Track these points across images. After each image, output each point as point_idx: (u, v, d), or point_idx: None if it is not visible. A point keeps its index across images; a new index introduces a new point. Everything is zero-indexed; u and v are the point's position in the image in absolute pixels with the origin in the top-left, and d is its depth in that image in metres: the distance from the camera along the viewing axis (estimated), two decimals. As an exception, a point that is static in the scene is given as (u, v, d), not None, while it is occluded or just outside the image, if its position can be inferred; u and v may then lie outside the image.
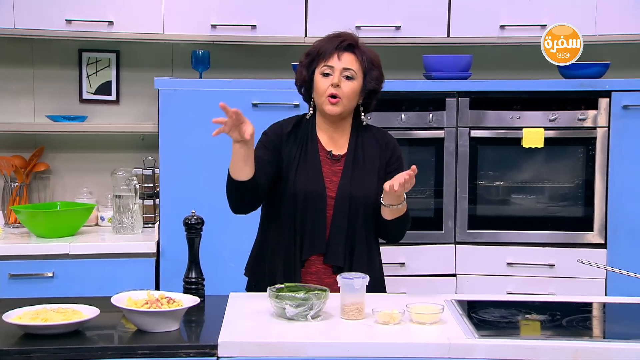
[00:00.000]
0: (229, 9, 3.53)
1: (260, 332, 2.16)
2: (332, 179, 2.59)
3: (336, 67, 2.56)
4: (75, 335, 2.11)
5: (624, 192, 3.39)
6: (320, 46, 2.60)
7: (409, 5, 3.54)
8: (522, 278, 3.45)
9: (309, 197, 2.56)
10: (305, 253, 2.56)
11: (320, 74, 2.58)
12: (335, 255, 2.55)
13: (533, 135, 3.40)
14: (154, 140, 3.49)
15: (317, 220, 2.55)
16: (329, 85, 2.55)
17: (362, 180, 2.58)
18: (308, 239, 2.56)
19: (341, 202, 2.56)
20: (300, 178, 2.57)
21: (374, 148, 2.63)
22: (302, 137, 2.62)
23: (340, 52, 2.57)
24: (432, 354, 2.06)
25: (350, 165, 2.59)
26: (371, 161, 2.62)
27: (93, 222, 3.72)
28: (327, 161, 2.61)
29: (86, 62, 3.83)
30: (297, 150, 2.60)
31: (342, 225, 2.55)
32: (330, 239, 2.56)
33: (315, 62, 2.60)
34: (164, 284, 3.34)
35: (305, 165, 2.58)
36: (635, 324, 2.33)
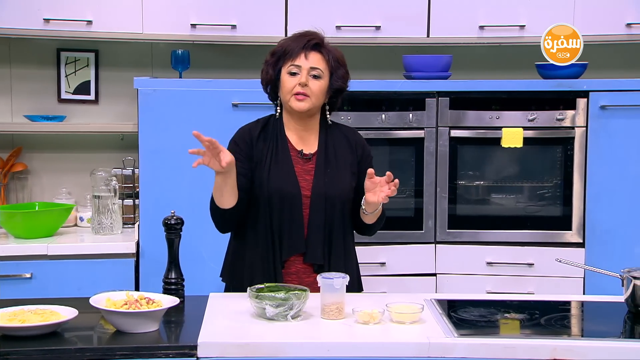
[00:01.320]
0: (208, 9, 3.52)
1: (240, 332, 2.16)
2: (305, 177, 2.59)
3: (303, 66, 2.56)
4: (53, 337, 2.09)
5: (601, 192, 3.42)
6: (286, 45, 2.60)
7: (388, 6, 3.55)
8: (501, 277, 3.47)
9: (285, 197, 2.55)
10: (285, 253, 2.56)
11: (287, 73, 2.58)
12: (314, 254, 2.56)
13: (512, 135, 3.42)
14: (133, 140, 3.48)
15: (294, 220, 2.55)
16: (296, 85, 2.55)
17: (335, 177, 2.59)
18: (287, 240, 2.56)
19: (317, 200, 2.56)
20: (273, 179, 2.57)
21: (343, 145, 2.65)
22: (271, 138, 2.62)
23: (307, 52, 2.56)
24: (412, 354, 2.07)
25: (322, 163, 2.60)
26: (343, 158, 2.63)
27: (72, 223, 3.70)
28: (298, 161, 2.61)
29: (64, 62, 3.80)
30: (267, 152, 2.59)
31: (319, 224, 2.56)
32: (309, 238, 2.56)
33: (281, 60, 2.60)
34: (144, 285, 3.33)
35: (277, 166, 2.58)
36: (612, 322, 2.35)
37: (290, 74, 2.57)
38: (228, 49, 3.75)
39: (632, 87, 3.41)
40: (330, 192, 2.57)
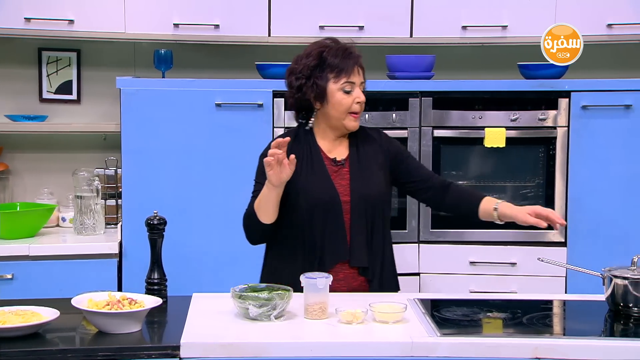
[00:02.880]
0: (191, 8, 3.51)
1: (223, 332, 2.16)
2: (341, 183, 2.60)
3: (356, 82, 2.58)
4: (35, 338, 2.08)
5: (583, 191, 3.44)
6: (335, 61, 2.55)
7: (372, 6, 3.55)
8: (484, 276, 3.48)
9: (325, 206, 2.55)
10: (329, 264, 2.54)
11: (341, 90, 2.56)
12: (359, 257, 2.56)
13: (495, 135, 3.44)
14: (116, 140, 3.46)
15: (337, 227, 2.55)
16: (353, 103, 2.56)
17: (371, 179, 2.61)
18: (329, 249, 2.55)
19: (357, 203, 2.57)
20: (312, 190, 2.56)
21: (372, 147, 2.66)
22: (303, 149, 2.61)
23: (358, 67, 2.59)
24: (395, 353, 2.07)
25: (355, 167, 2.61)
26: (374, 159, 2.64)
27: (54, 223, 3.67)
28: (332, 168, 2.61)
29: (46, 61, 3.78)
30: (300, 164, 2.56)
31: (361, 227, 2.57)
32: (352, 242, 2.56)
33: (329, 74, 2.55)
34: (127, 285, 3.31)
35: (313, 176, 2.58)
36: (594, 320, 2.37)
37: (345, 92, 2.56)
38: (211, 49, 3.75)
39: (613, 87, 3.43)
40: (367, 193, 2.58)
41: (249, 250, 3.41)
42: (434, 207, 2.79)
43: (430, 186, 2.68)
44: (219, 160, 3.41)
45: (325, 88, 2.56)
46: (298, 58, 2.63)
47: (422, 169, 2.74)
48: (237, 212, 3.40)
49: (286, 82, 2.64)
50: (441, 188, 2.68)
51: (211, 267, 3.40)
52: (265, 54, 3.71)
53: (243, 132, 3.41)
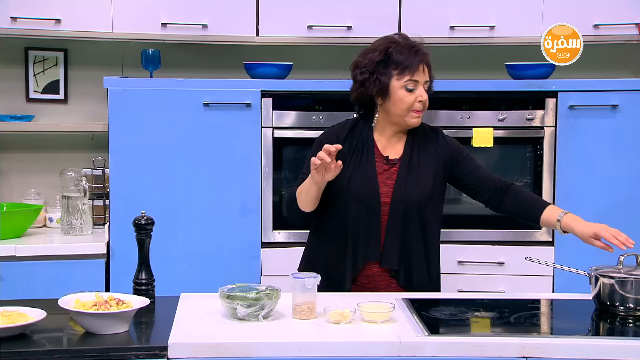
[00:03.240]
0: (179, 8, 3.50)
1: (211, 332, 2.15)
2: (386, 183, 2.59)
3: (420, 81, 2.57)
4: (21, 339, 2.06)
5: (570, 191, 3.46)
6: (400, 58, 2.55)
7: (360, 6, 3.56)
8: (472, 276, 3.49)
9: (363, 203, 2.56)
10: (360, 261, 2.57)
11: (403, 88, 2.56)
12: (390, 260, 2.57)
13: (483, 135, 3.45)
14: (103, 140, 3.45)
15: (372, 226, 2.56)
16: (416, 101, 2.56)
17: (416, 183, 2.59)
18: (362, 247, 2.57)
19: (396, 207, 2.57)
20: (353, 184, 2.57)
21: (429, 149, 2.64)
22: (358, 143, 2.62)
23: (423, 65, 2.58)
24: (383, 353, 2.07)
25: (405, 168, 2.60)
26: (426, 162, 2.62)
27: (41, 224, 3.66)
28: (383, 166, 2.61)
29: (33, 61, 3.76)
30: (352, 156, 2.59)
31: (396, 230, 2.57)
32: (386, 244, 2.57)
33: (393, 71, 2.56)
34: (115, 286, 3.30)
35: (360, 171, 2.59)
36: (580, 319, 2.38)
37: (407, 90, 2.56)
38: (199, 49, 3.74)
39: (599, 87, 3.45)
40: (409, 198, 2.57)
41: (237, 250, 3.43)
42: (493, 209, 2.72)
43: (488, 188, 2.65)
44: (207, 160, 3.40)
45: (388, 84, 2.56)
46: (365, 52, 2.64)
47: (480, 171, 2.68)
48: (225, 212, 3.42)
49: (351, 75, 2.66)
50: (500, 190, 2.64)
51: (199, 267, 3.39)
52: (254, 54, 3.71)
53: (231, 132, 3.40)
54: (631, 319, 2.32)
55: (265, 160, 3.42)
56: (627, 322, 2.31)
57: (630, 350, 2.09)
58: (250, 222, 3.42)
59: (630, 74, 3.81)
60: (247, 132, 3.40)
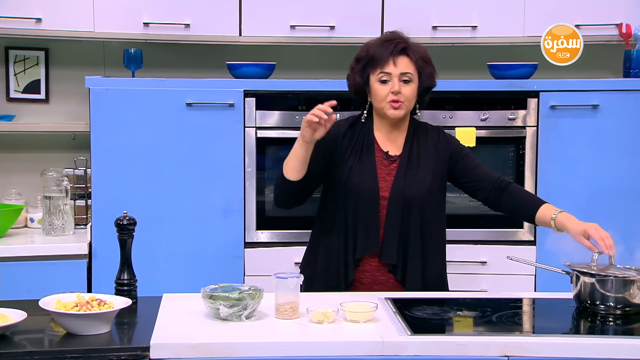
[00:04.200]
0: (161, 7, 3.49)
1: (194, 333, 2.15)
2: (386, 178, 2.62)
3: (393, 73, 2.58)
4: (2, 340, 2.05)
5: (552, 190, 3.48)
6: (372, 51, 2.61)
7: (343, 6, 3.56)
8: (455, 275, 3.48)
9: (362, 197, 2.59)
10: (359, 252, 2.59)
11: (377, 81, 2.60)
12: (389, 254, 2.59)
13: (465, 135, 3.46)
14: (85, 140, 3.43)
15: (370, 220, 2.58)
16: (389, 93, 2.58)
17: (415, 179, 2.61)
18: (361, 239, 2.59)
19: (394, 202, 2.59)
20: (353, 178, 2.60)
21: (429, 146, 2.67)
22: (358, 139, 2.65)
23: (395, 57, 2.59)
24: (366, 352, 2.08)
25: (404, 164, 2.62)
26: (426, 159, 2.64)
27: (22, 224, 3.63)
28: (383, 162, 2.64)
29: (13, 60, 3.73)
30: (351, 152, 2.62)
31: (395, 225, 2.58)
32: (385, 238, 2.59)
33: (368, 67, 2.61)
34: (97, 286, 3.29)
35: (359, 166, 2.61)
36: (562, 318, 2.39)
37: (381, 82, 2.59)
38: (181, 48, 3.73)
39: (580, 87, 3.47)
40: (408, 193, 2.59)
41: (220, 250, 3.42)
42: (491, 207, 2.73)
43: (487, 186, 2.67)
44: (190, 160, 3.39)
45: (368, 79, 2.62)
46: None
47: (480, 169, 2.70)
48: (208, 212, 3.41)
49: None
50: (498, 189, 2.66)
51: (182, 267, 3.38)
52: (236, 54, 3.70)
53: (214, 131, 3.39)
54: (611, 318, 2.33)
55: (249, 160, 3.42)
56: (608, 321, 2.33)
57: (610, 348, 2.11)
58: (233, 222, 3.41)
59: (610, 74, 3.84)
60: (230, 132, 3.39)
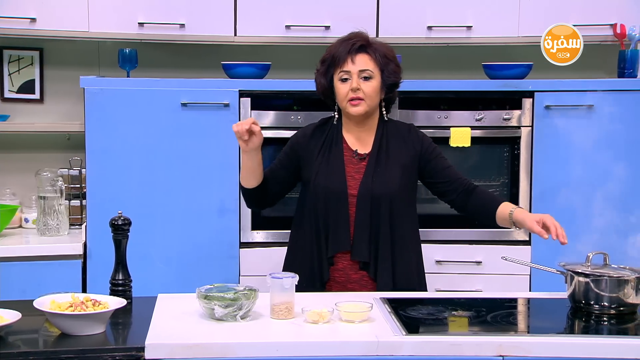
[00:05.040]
0: (156, 7, 3.49)
1: (189, 333, 2.15)
2: (354, 176, 2.64)
3: (352, 70, 2.61)
4: (-4, 341, 2.05)
5: (546, 190, 3.49)
6: (333, 52, 2.65)
7: (338, 6, 3.56)
8: (450, 275, 3.50)
9: (330, 196, 2.62)
10: (331, 250, 2.62)
11: (338, 80, 2.63)
12: (359, 251, 2.60)
13: (460, 135, 3.46)
14: (80, 140, 3.42)
15: (340, 218, 2.61)
16: (349, 90, 2.60)
17: (384, 176, 2.63)
18: (332, 237, 2.61)
19: (363, 200, 2.61)
20: (320, 178, 2.63)
21: (399, 143, 2.68)
22: (327, 139, 2.69)
23: (353, 55, 2.62)
24: (361, 352, 2.08)
25: (373, 162, 2.64)
26: (396, 156, 2.66)
27: (17, 224, 3.62)
28: (352, 160, 2.66)
29: (8, 60, 3.72)
30: (320, 152, 2.66)
31: (365, 223, 2.60)
32: (355, 236, 2.60)
33: (331, 68, 2.65)
34: (91, 287, 3.28)
35: (327, 165, 2.64)
36: (556, 318, 2.40)
37: (342, 81, 2.62)
38: (176, 48, 3.72)
39: (575, 87, 3.48)
40: (377, 191, 2.61)
41: (215, 250, 3.42)
42: (458, 210, 2.74)
43: (456, 189, 2.68)
44: (185, 160, 3.39)
45: (332, 80, 2.65)
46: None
47: (448, 171, 2.70)
48: (203, 212, 3.40)
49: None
50: (465, 192, 2.67)
51: (177, 267, 3.38)
52: (231, 54, 3.70)
53: (209, 131, 3.39)
54: (605, 317, 2.34)
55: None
56: (602, 320, 2.33)
57: (604, 348, 2.11)
58: (228, 222, 3.41)
59: (605, 75, 3.84)
60: (225, 132, 3.37)
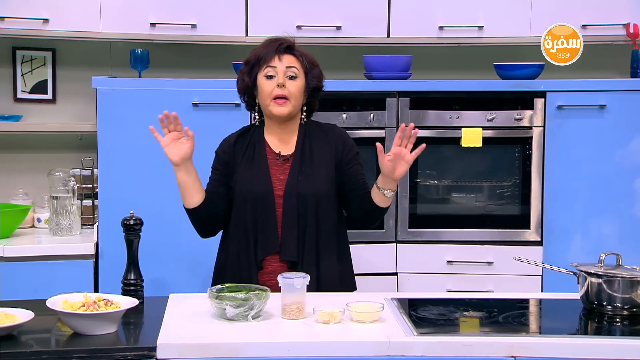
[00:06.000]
0: (168, 8, 3.50)
1: (200, 333, 2.15)
2: (280, 178, 2.62)
3: (279, 67, 2.60)
4: (9, 340, 2.06)
5: (558, 191, 3.47)
6: (259, 52, 2.66)
7: (349, 6, 3.56)
8: (461, 276, 3.50)
9: (256, 198, 2.59)
10: (260, 254, 2.59)
11: (264, 76, 2.62)
12: (288, 251, 2.58)
13: (472, 135, 3.45)
14: (92, 140, 3.44)
15: (267, 219, 2.59)
16: (275, 87, 2.59)
17: (309, 175, 2.61)
18: (261, 240, 2.59)
19: (289, 199, 2.59)
20: (245, 181, 2.61)
21: (322, 143, 2.67)
22: (249, 145, 2.67)
23: (281, 54, 2.63)
24: (372, 352, 2.08)
25: (298, 162, 2.63)
26: (320, 156, 2.64)
27: (29, 224, 3.64)
28: (276, 162, 2.64)
29: (20, 60, 3.74)
30: (243, 157, 2.65)
31: (292, 222, 2.58)
32: (283, 236, 2.58)
33: (256, 67, 2.65)
34: (103, 286, 3.29)
35: (251, 169, 2.63)
36: (569, 319, 2.39)
37: (267, 77, 2.61)
38: (188, 49, 3.73)
39: (587, 87, 3.46)
40: (302, 190, 2.59)
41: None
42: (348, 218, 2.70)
43: (358, 204, 2.62)
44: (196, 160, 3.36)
45: (256, 79, 2.64)
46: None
47: (360, 181, 2.65)
48: (215, 212, 3.40)
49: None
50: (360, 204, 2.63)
51: (188, 267, 3.38)
52: (243, 54, 3.65)
53: (220, 132, 3.37)
54: (618, 318, 2.33)
55: (255, 160, 3.42)
56: (615, 321, 2.32)
57: (617, 349, 2.10)
58: (239, 222, 3.41)
59: (617, 74, 3.83)
60: (236, 132, 3.39)
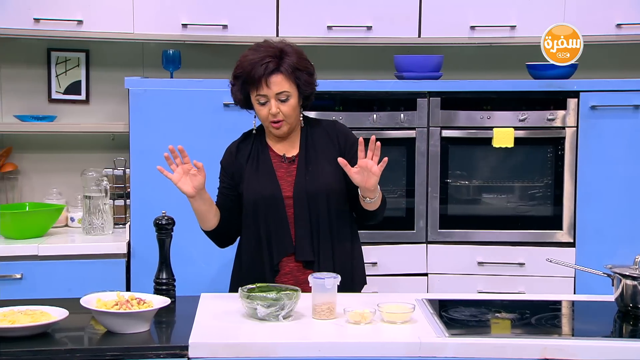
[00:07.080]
0: (199, 9, 3.52)
1: (231, 332, 2.16)
2: (287, 179, 2.62)
3: (269, 94, 2.55)
4: (43, 337, 2.09)
5: (592, 192, 3.43)
6: (246, 70, 2.55)
7: (380, 6, 3.55)
8: (492, 277, 3.47)
9: (266, 202, 2.59)
10: (276, 257, 2.59)
11: (256, 102, 2.58)
12: (303, 251, 2.58)
13: (503, 135, 3.43)
14: (124, 140, 3.47)
15: (280, 222, 2.59)
16: (269, 114, 2.56)
17: (316, 173, 2.61)
18: (275, 243, 2.59)
19: (299, 199, 2.59)
20: (253, 186, 2.61)
21: (324, 140, 2.66)
22: (252, 151, 2.67)
23: (268, 78, 2.53)
24: (403, 353, 2.07)
25: (303, 162, 2.62)
26: (324, 153, 2.64)
27: (63, 223, 3.68)
28: (282, 165, 2.64)
29: (55, 62, 3.79)
30: (247, 163, 2.65)
31: (305, 222, 2.58)
32: (297, 236, 2.58)
33: (246, 85, 2.58)
34: (135, 285, 3.32)
35: (258, 173, 2.63)
36: (602, 321, 2.36)
37: (260, 104, 2.58)
38: (219, 49, 3.75)
39: (621, 87, 3.42)
40: (311, 188, 2.59)
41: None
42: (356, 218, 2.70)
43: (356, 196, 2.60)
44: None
45: (249, 96, 2.61)
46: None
47: None
48: (245, 212, 3.41)
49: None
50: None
51: (219, 267, 3.40)
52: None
53: (251, 132, 3.40)
54: (654, 321, 2.30)
55: (285, 160, 3.43)
56: (650, 324, 2.29)
57: (652, 352, 2.08)
58: (269, 222, 3.42)
59: (652, 74, 3.78)
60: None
